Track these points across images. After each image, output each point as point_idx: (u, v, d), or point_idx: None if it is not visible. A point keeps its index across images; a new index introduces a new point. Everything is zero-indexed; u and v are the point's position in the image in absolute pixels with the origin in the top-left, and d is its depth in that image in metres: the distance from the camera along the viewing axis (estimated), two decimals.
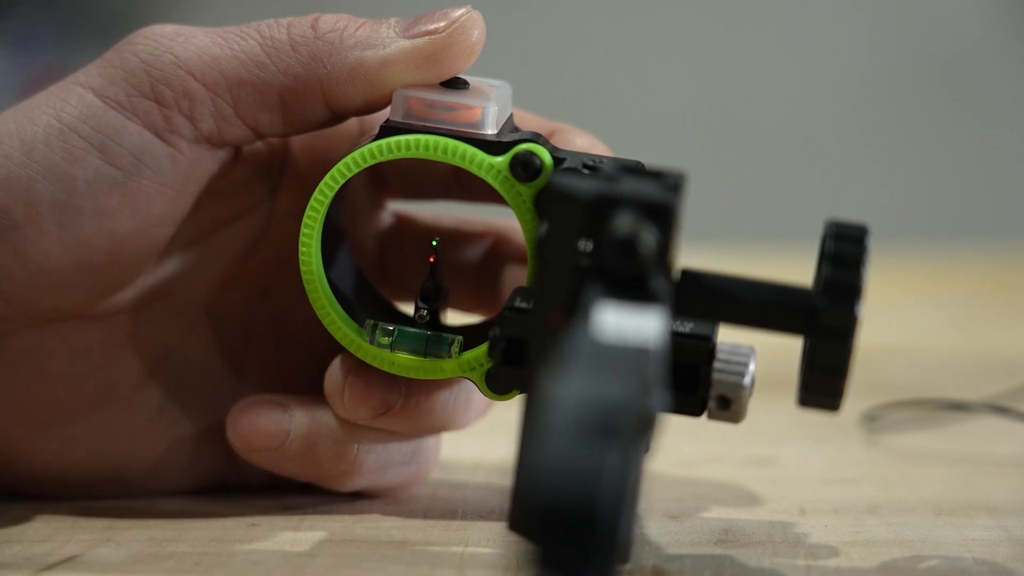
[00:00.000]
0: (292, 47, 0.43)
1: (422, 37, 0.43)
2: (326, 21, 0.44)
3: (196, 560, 0.41)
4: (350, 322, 0.43)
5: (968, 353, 0.77)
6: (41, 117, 0.43)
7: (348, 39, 0.43)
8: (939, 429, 0.59)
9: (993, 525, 0.45)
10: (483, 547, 0.43)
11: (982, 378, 0.69)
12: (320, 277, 0.43)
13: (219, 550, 0.42)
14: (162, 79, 0.43)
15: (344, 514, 0.46)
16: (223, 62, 0.43)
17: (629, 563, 0.41)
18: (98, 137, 0.43)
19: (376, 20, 0.44)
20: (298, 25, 0.44)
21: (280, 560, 0.41)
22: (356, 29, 0.44)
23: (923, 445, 0.44)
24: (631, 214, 0.35)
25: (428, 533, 0.44)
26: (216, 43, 0.44)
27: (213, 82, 0.43)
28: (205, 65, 0.43)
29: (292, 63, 0.43)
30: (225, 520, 0.45)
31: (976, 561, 0.42)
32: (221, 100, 0.43)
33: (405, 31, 0.43)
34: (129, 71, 0.43)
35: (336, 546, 0.43)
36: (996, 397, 0.62)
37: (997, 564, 0.42)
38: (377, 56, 0.43)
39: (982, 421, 0.60)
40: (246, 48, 0.43)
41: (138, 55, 0.44)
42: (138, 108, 0.43)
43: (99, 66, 0.44)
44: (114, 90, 0.43)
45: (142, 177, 0.43)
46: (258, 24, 0.44)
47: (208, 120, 0.43)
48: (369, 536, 0.44)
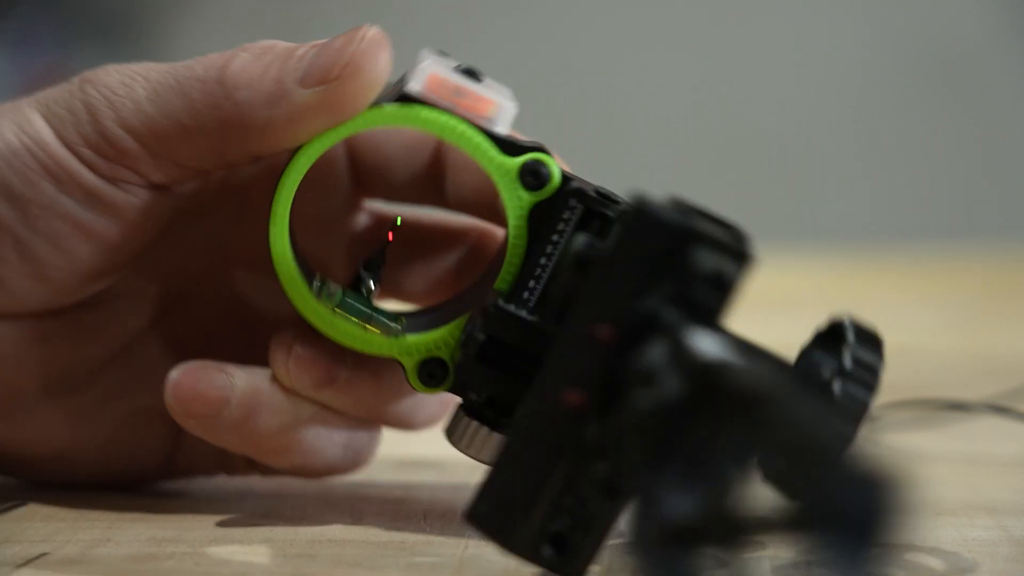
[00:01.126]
0: (206, 109, 0.42)
1: (318, 86, 0.41)
2: (234, 73, 0.42)
3: (196, 560, 0.41)
4: (302, 280, 0.43)
5: (968, 353, 0.77)
6: (5, 133, 0.43)
7: (255, 96, 0.41)
8: (939, 429, 0.59)
9: (993, 525, 0.45)
10: (483, 547, 0.43)
11: (982, 378, 0.69)
12: (285, 218, 0.42)
13: (219, 550, 0.42)
14: (103, 136, 0.43)
15: (344, 514, 0.45)
16: (155, 124, 0.43)
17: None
18: (53, 167, 0.43)
19: (287, 53, 0.42)
20: (211, 80, 0.42)
21: (280, 560, 0.41)
22: (262, 79, 0.42)
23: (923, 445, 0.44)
24: (715, 253, 0.35)
25: (428, 533, 0.44)
26: (150, 99, 0.43)
27: (150, 143, 0.43)
28: (142, 125, 0.43)
29: (211, 124, 0.42)
30: (225, 520, 0.45)
31: (976, 561, 0.42)
32: (161, 158, 0.43)
33: (305, 76, 0.41)
34: (78, 120, 0.43)
35: (336, 546, 0.43)
36: (996, 397, 0.62)
37: (997, 564, 0.42)
38: (282, 115, 0.41)
39: (982, 421, 0.59)
40: (172, 109, 0.42)
41: (87, 104, 0.43)
42: (85, 156, 0.43)
43: (54, 103, 0.44)
44: (66, 132, 0.43)
45: (96, 211, 0.43)
46: (178, 72, 0.43)
47: (154, 173, 0.43)
48: (369, 536, 0.44)
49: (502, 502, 0.37)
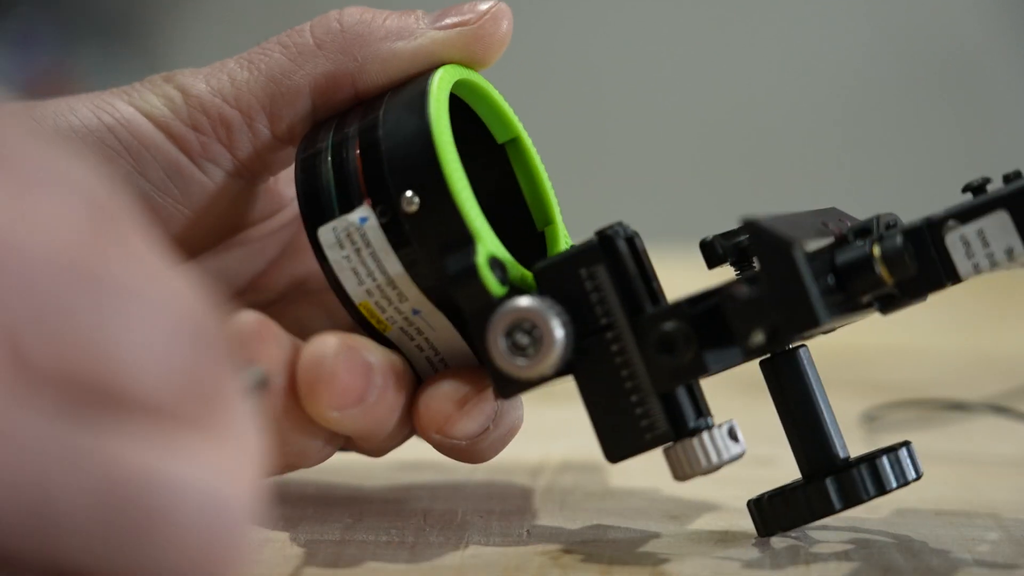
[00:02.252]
0: (318, 46, 0.44)
1: (453, 28, 0.44)
2: (351, 14, 0.44)
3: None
4: None
5: (968, 353, 0.77)
6: (81, 110, 0.43)
7: (378, 30, 0.44)
8: (939, 429, 0.59)
9: (993, 525, 0.45)
10: (483, 547, 0.43)
11: (982, 378, 0.69)
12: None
13: None
14: (198, 106, 0.44)
15: (344, 514, 0.45)
16: (253, 84, 0.44)
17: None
18: (134, 144, 0.43)
19: (403, 12, 0.44)
20: (321, 24, 0.44)
21: (280, 560, 0.41)
22: (384, 20, 0.44)
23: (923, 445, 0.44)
24: None
25: (428, 533, 0.44)
26: (243, 67, 0.44)
27: (247, 106, 0.44)
28: (238, 90, 0.44)
29: (320, 61, 0.43)
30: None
31: (976, 561, 0.42)
32: (257, 124, 0.44)
33: (434, 23, 0.44)
34: (167, 96, 0.44)
35: (336, 546, 0.43)
36: (996, 397, 0.62)
37: (997, 564, 0.42)
38: (410, 47, 0.43)
39: (982, 421, 0.59)
40: (271, 62, 0.44)
41: (179, 85, 0.44)
42: (175, 130, 0.43)
43: (136, 88, 0.44)
44: (152, 109, 0.43)
45: (167, 195, 0.43)
46: (278, 36, 0.44)
47: (246, 146, 0.44)
48: (369, 536, 0.44)
49: (619, 426, 0.41)
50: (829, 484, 0.42)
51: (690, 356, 0.40)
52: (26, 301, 0.23)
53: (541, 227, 0.46)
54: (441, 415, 0.42)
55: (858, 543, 0.43)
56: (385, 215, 0.41)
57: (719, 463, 0.41)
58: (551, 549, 0.43)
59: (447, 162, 0.41)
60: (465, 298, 0.41)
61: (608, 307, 0.41)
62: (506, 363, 0.40)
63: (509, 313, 0.40)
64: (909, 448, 0.43)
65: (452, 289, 0.41)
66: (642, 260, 0.42)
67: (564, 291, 0.41)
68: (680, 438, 0.41)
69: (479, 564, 0.42)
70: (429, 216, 0.41)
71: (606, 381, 0.41)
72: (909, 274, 0.40)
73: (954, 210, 0.40)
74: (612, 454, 0.41)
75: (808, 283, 0.39)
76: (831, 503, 0.42)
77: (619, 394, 0.41)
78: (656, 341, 0.40)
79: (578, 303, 0.41)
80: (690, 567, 0.41)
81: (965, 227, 0.40)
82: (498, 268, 0.41)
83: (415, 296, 0.42)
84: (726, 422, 0.42)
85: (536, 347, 0.40)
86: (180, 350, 0.25)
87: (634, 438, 0.41)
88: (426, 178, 0.41)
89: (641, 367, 0.41)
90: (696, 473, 0.41)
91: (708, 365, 0.40)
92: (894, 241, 0.40)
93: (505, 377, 0.41)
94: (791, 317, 0.39)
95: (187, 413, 0.25)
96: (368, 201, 0.41)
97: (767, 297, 0.39)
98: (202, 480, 0.25)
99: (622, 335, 0.41)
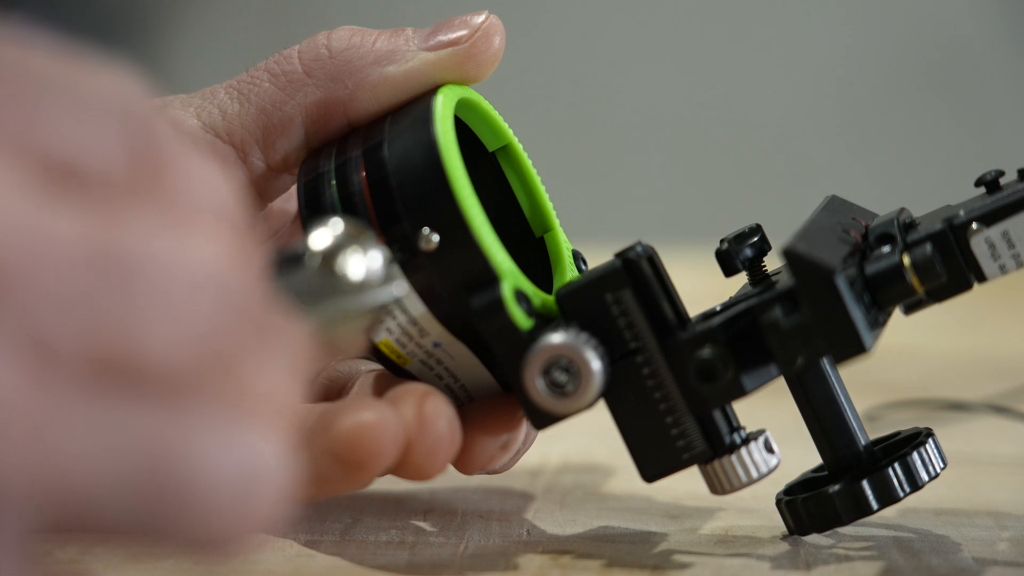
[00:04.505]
0: (307, 74, 0.43)
1: (444, 49, 0.43)
2: (339, 38, 0.43)
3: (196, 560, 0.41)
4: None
5: (968, 353, 0.76)
6: None
7: (367, 55, 0.43)
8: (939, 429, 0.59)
9: (993, 525, 0.45)
10: (483, 547, 0.43)
11: (982, 378, 0.69)
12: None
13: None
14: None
15: (344, 514, 0.45)
16: (245, 117, 0.43)
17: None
18: None
19: (392, 31, 0.43)
20: (309, 50, 0.43)
21: (280, 560, 0.41)
22: (373, 43, 0.43)
23: None
24: None
25: (428, 533, 0.44)
26: (233, 98, 0.43)
27: (240, 140, 0.43)
28: (229, 124, 0.43)
29: (311, 90, 0.43)
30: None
31: (976, 561, 0.42)
32: (251, 157, 0.43)
33: (424, 42, 0.43)
34: None
35: (336, 546, 0.43)
36: (996, 397, 0.62)
37: (997, 564, 0.42)
38: (401, 71, 0.43)
39: (982, 421, 0.59)
40: (261, 93, 0.43)
41: (165, 118, 0.43)
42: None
43: None
44: None
45: None
46: (267, 63, 0.44)
47: (242, 179, 0.43)
48: (369, 536, 0.44)
49: (655, 446, 0.41)
50: (865, 485, 0.42)
51: (728, 379, 0.40)
52: (45, 291, 0.24)
53: (539, 233, 0.46)
54: (486, 458, 0.42)
55: (858, 543, 0.43)
56: (402, 252, 0.40)
57: (758, 478, 0.41)
58: (551, 549, 0.43)
59: (463, 197, 0.40)
60: (492, 334, 0.40)
61: (637, 331, 0.40)
62: (546, 401, 0.40)
63: (544, 351, 0.40)
64: (934, 439, 0.43)
65: (478, 324, 0.40)
66: (664, 279, 0.41)
67: (590, 316, 0.41)
68: (718, 455, 0.41)
69: (479, 564, 0.41)
70: (449, 254, 0.40)
71: (639, 403, 0.41)
72: (940, 282, 0.40)
73: (977, 212, 0.40)
74: (648, 473, 0.41)
75: (853, 311, 0.39)
76: (869, 505, 0.42)
77: (653, 415, 0.41)
78: (695, 370, 0.40)
79: (605, 328, 0.41)
80: (690, 567, 0.41)
81: (990, 230, 0.40)
82: (524, 301, 0.40)
83: (437, 331, 0.41)
84: (759, 433, 0.42)
85: (575, 383, 0.40)
86: (204, 319, 0.25)
87: (670, 457, 0.41)
88: (443, 215, 0.40)
89: (674, 388, 0.41)
90: (735, 489, 0.41)
91: (746, 387, 0.40)
92: (924, 250, 0.40)
93: (542, 412, 0.41)
94: (838, 346, 0.39)
95: (215, 385, 0.25)
96: (382, 239, 0.40)
97: (811, 325, 0.39)
98: (234, 454, 0.25)
99: (653, 358, 0.41)
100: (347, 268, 0.32)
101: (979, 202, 0.41)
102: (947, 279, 0.40)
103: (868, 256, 0.41)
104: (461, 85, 0.43)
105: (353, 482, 0.40)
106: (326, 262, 0.32)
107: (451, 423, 0.40)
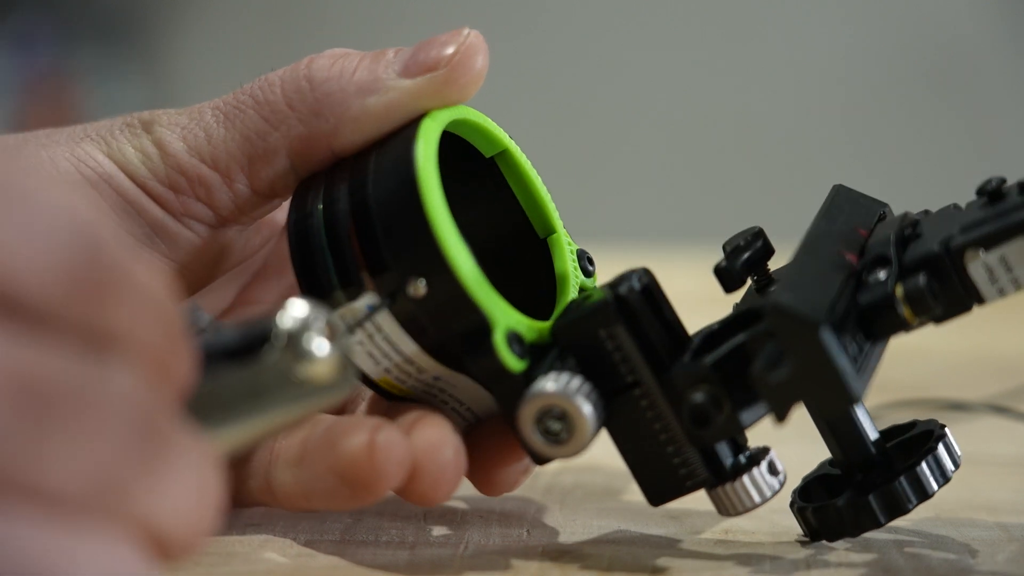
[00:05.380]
0: (290, 107, 0.43)
1: (424, 75, 0.42)
2: (320, 68, 0.43)
3: (196, 560, 0.41)
4: None
5: (968, 353, 0.76)
6: (61, 162, 0.43)
7: (348, 86, 0.42)
8: None
9: (993, 525, 0.45)
10: (483, 547, 0.43)
11: (982, 378, 0.69)
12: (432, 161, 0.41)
13: (219, 550, 0.42)
14: (175, 166, 0.43)
15: (344, 514, 0.45)
16: (230, 143, 0.43)
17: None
18: (118, 201, 0.43)
19: (373, 55, 0.43)
20: (291, 81, 0.43)
21: (280, 560, 0.41)
22: (353, 73, 0.42)
23: None
24: None
25: (428, 533, 0.44)
26: (220, 122, 0.43)
27: (225, 166, 0.43)
28: (214, 149, 0.43)
29: (292, 124, 0.43)
30: (225, 520, 0.45)
31: (976, 561, 0.42)
32: (236, 183, 0.43)
33: (405, 68, 0.42)
34: (144, 152, 0.43)
35: (336, 546, 0.43)
36: (996, 397, 0.62)
37: (997, 564, 0.42)
38: (382, 102, 0.42)
39: (982, 421, 0.59)
40: (246, 121, 0.43)
41: (157, 141, 0.44)
42: (153, 189, 0.43)
43: (114, 135, 0.44)
44: (129, 164, 0.43)
45: (154, 249, 0.43)
46: (251, 87, 0.43)
47: (227, 204, 0.44)
48: (369, 536, 0.44)
49: (658, 474, 0.41)
50: (872, 500, 0.42)
51: (724, 417, 0.40)
52: None
53: (543, 235, 0.46)
54: (511, 484, 0.43)
55: (858, 543, 0.43)
56: (392, 297, 0.40)
57: (761, 501, 0.41)
58: (551, 549, 0.43)
59: (449, 246, 0.40)
60: (485, 376, 0.41)
61: (632, 365, 0.41)
62: (543, 449, 0.40)
63: (535, 400, 0.40)
64: (945, 440, 0.43)
65: (470, 365, 0.41)
66: (660, 307, 0.41)
67: (584, 350, 0.41)
68: (721, 483, 0.41)
69: (479, 564, 0.42)
70: (438, 300, 0.40)
71: (639, 434, 0.41)
72: (933, 314, 0.40)
73: (973, 238, 0.40)
74: (653, 498, 0.42)
75: (840, 362, 0.38)
76: (876, 518, 0.42)
77: (654, 445, 0.41)
78: (688, 415, 0.40)
79: (600, 361, 0.41)
80: (690, 567, 0.41)
81: (988, 255, 0.39)
82: (516, 343, 0.40)
83: (433, 367, 0.41)
84: (763, 454, 0.42)
85: (569, 431, 0.40)
86: (109, 447, 0.26)
87: (674, 484, 0.41)
88: (430, 265, 0.40)
89: (673, 421, 0.41)
90: (741, 512, 0.42)
91: (744, 422, 0.40)
92: (916, 281, 0.39)
93: (543, 456, 0.41)
94: (826, 400, 0.39)
95: (103, 507, 0.26)
96: (371, 284, 0.40)
97: (798, 378, 0.38)
98: (103, 560, 0.26)
99: (650, 391, 0.41)
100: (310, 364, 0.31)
101: (979, 214, 0.40)
102: (942, 309, 0.40)
103: (864, 280, 0.40)
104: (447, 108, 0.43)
105: (356, 501, 0.40)
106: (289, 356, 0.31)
107: (457, 452, 0.40)
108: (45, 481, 0.25)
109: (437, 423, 0.40)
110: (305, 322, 0.31)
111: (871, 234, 0.43)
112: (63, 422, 0.25)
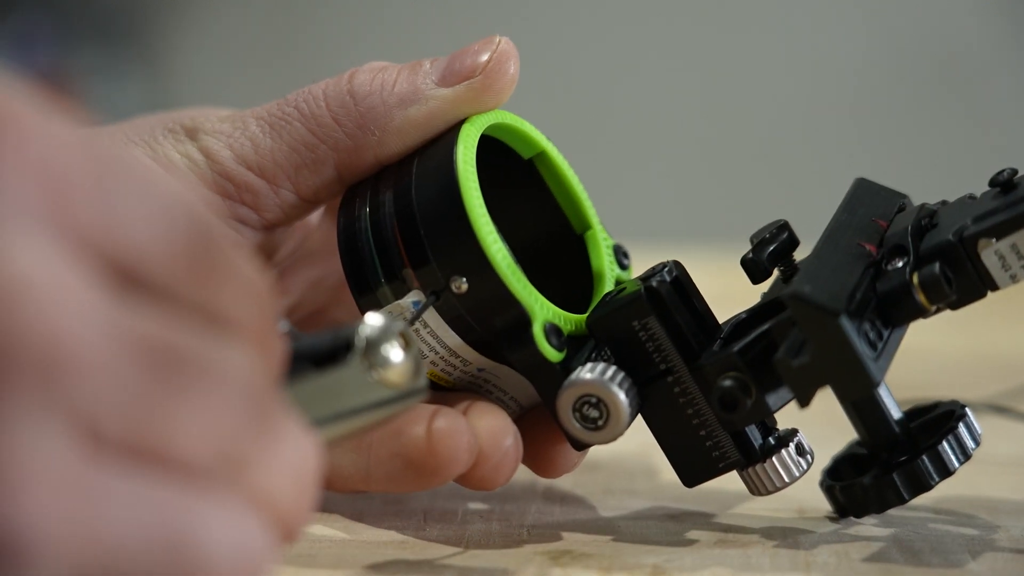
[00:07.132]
0: (336, 121, 0.44)
1: (461, 83, 0.44)
2: (361, 83, 0.44)
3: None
4: None
5: (968, 353, 0.76)
6: None
7: (389, 99, 0.44)
8: None
9: (993, 525, 0.45)
10: (483, 547, 0.43)
11: (982, 378, 0.69)
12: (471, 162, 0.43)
13: None
14: (223, 173, 0.44)
15: (344, 514, 0.46)
16: (277, 153, 0.44)
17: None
18: None
19: (410, 66, 0.45)
20: (335, 94, 0.44)
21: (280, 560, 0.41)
22: (394, 85, 0.44)
23: None
24: None
25: (428, 533, 0.44)
26: (265, 132, 0.45)
27: (272, 175, 0.44)
28: (261, 159, 0.44)
29: (339, 137, 0.44)
30: None
31: (976, 561, 0.42)
32: (283, 190, 0.45)
33: (442, 78, 0.44)
34: (190, 158, 0.45)
35: (336, 546, 0.43)
36: (996, 397, 0.62)
37: (997, 564, 0.42)
38: (423, 112, 0.44)
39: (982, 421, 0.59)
40: (293, 133, 0.44)
41: (204, 149, 0.45)
42: (200, 196, 0.43)
43: (158, 140, 0.45)
44: (180, 175, 0.44)
45: None
46: (295, 99, 0.45)
47: (273, 210, 0.45)
48: (369, 536, 0.44)
49: (692, 457, 0.44)
50: (897, 477, 0.43)
51: (752, 403, 0.42)
52: (102, 383, 0.26)
53: (579, 231, 0.48)
54: (570, 465, 0.45)
55: (858, 542, 0.43)
56: (436, 295, 0.42)
57: (790, 481, 0.43)
58: (551, 549, 0.43)
59: (488, 245, 0.42)
60: (526, 367, 0.43)
61: (665, 354, 0.43)
62: (581, 434, 0.42)
63: (573, 389, 0.42)
64: (966, 420, 0.44)
65: (511, 358, 0.43)
66: (690, 297, 0.43)
67: (619, 340, 0.43)
68: (752, 464, 0.43)
69: (479, 564, 0.42)
70: (480, 296, 0.42)
71: (673, 419, 0.43)
72: (948, 301, 0.41)
73: (985, 227, 0.41)
74: (688, 480, 0.44)
75: (860, 349, 0.40)
76: (900, 495, 0.43)
77: (688, 429, 0.43)
78: (718, 401, 0.42)
79: (635, 351, 0.43)
80: (690, 567, 0.41)
81: (999, 243, 0.41)
82: (554, 334, 0.43)
83: (477, 359, 0.44)
84: (792, 436, 0.43)
85: (605, 418, 0.42)
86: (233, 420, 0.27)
87: (707, 465, 0.44)
88: (472, 264, 0.42)
89: (705, 406, 0.43)
90: (772, 491, 0.43)
91: (772, 406, 0.42)
92: (932, 269, 0.41)
93: (579, 441, 0.43)
94: (847, 385, 0.40)
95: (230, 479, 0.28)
96: (417, 284, 0.43)
97: (819, 364, 0.40)
98: (235, 536, 0.28)
99: (683, 378, 0.43)
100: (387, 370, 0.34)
101: (991, 204, 0.42)
102: (956, 296, 0.41)
103: (883, 269, 0.42)
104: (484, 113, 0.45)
105: (419, 486, 0.43)
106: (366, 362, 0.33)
107: (516, 438, 0.43)
108: (176, 447, 0.26)
109: (493, 411, 0.43)
110: (383, 332, 0.33)
111: (890, 224, 0.44)
112: (191, 390, 0.27)
